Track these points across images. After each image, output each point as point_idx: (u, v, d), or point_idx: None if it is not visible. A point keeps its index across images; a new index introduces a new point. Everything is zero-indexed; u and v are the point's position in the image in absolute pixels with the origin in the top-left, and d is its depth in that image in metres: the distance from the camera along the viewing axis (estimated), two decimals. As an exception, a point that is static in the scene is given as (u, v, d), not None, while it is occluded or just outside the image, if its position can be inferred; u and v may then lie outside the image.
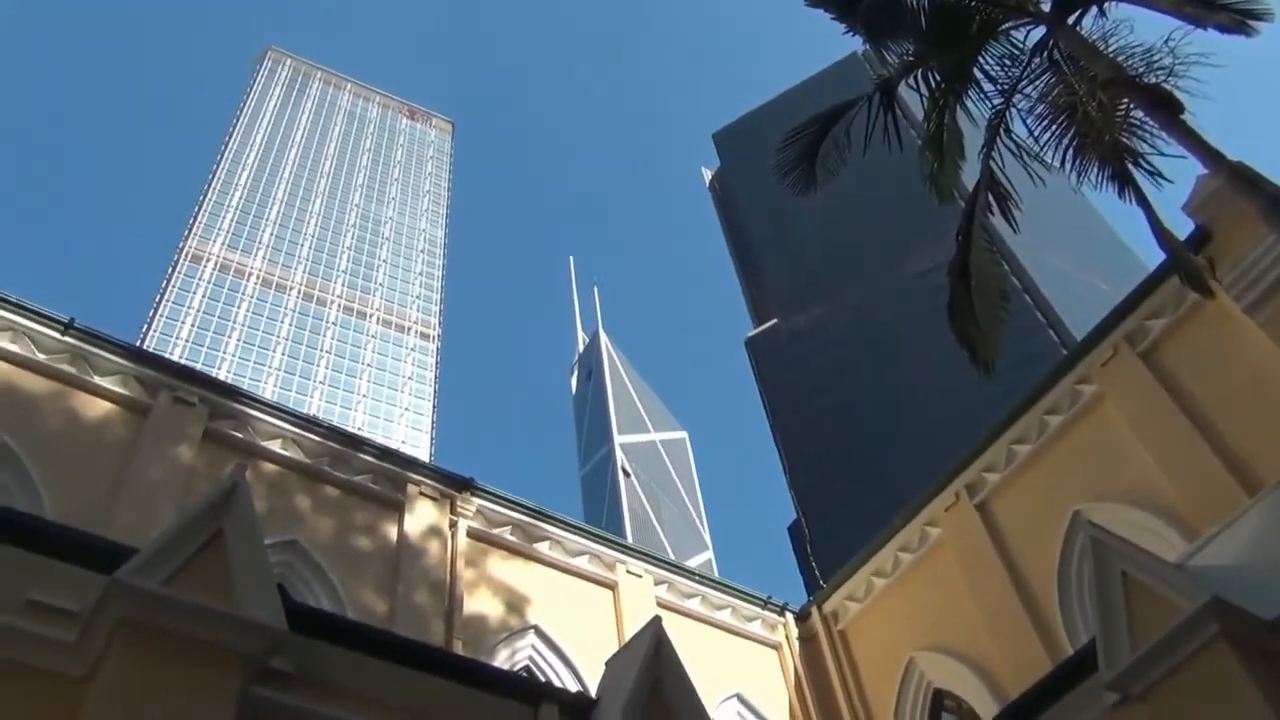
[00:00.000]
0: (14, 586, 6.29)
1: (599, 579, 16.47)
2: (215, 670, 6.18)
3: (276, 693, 6.67)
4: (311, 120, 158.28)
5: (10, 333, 13.04)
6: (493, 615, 14.75)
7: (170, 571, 6.36)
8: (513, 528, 16.01)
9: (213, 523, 6.75)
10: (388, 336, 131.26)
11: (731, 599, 17.93)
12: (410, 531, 14.65)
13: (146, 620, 6.12)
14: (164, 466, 13.01)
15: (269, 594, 6.59)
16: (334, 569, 13.48)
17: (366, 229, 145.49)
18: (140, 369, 13.86)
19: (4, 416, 12.40)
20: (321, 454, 14.76)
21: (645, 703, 7.81)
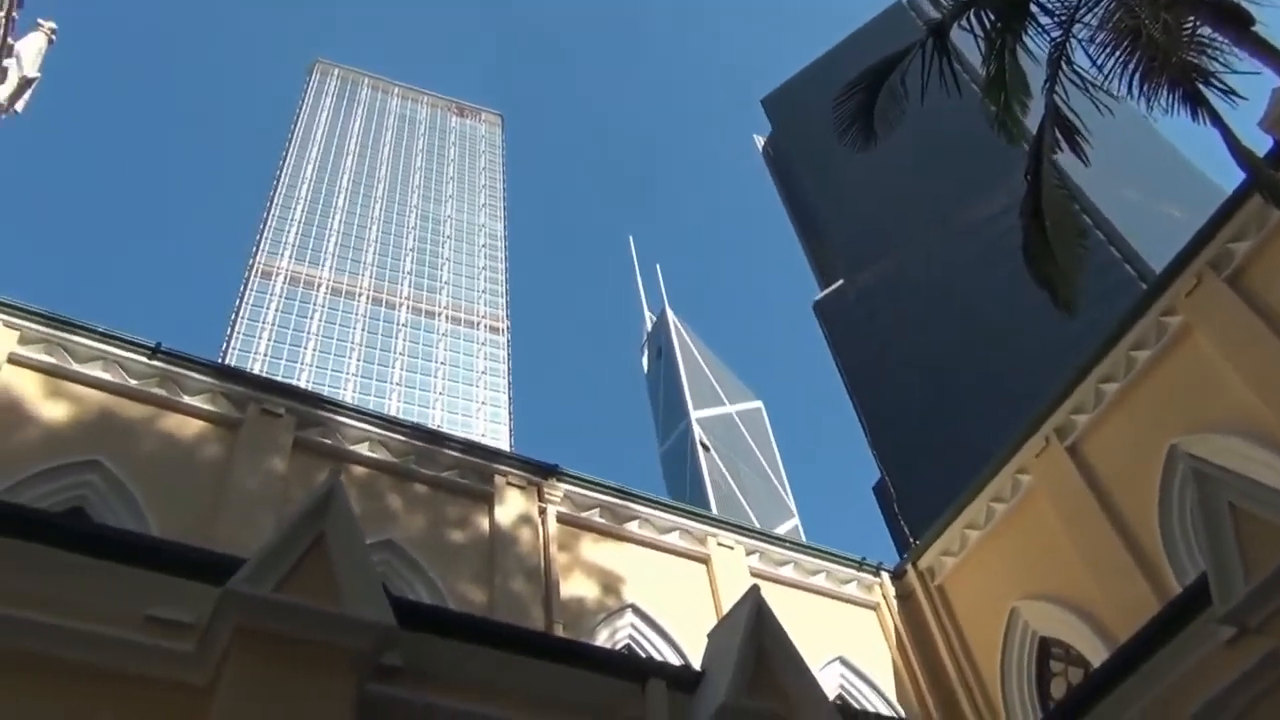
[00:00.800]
0: (133, 603, 6.51)
1: (691, 553, 16.52)
2: (331, 670, 6.33)
3: (391, 688, 6.81)
4: (364, 127, 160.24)
5: (101, 361, 13.48)
6: (589, 597, 14.89)
7: (279, 578, 6.52)
8: (601, 510, 16.13)
9: (314, 527, 6.90)
10: (458, 333, 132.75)
11: (825, 563, 17.86)
12: (501, 521, 14.84)
13: (261, 626, 6.29)
14: (259, 477, 13.35)
15: (375, 592, 6.72)
16: (431, 564, 13.72)
17: (427, 229, 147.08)
18: (227, 385, 14.23)
19: (104, 442, 12.82)
20: (408, 453, 15.01)
21: (751, 671, 7.81)
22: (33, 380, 13.01)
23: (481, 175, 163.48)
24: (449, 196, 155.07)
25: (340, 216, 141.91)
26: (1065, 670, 15.66)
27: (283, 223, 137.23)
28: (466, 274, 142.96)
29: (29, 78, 30.86)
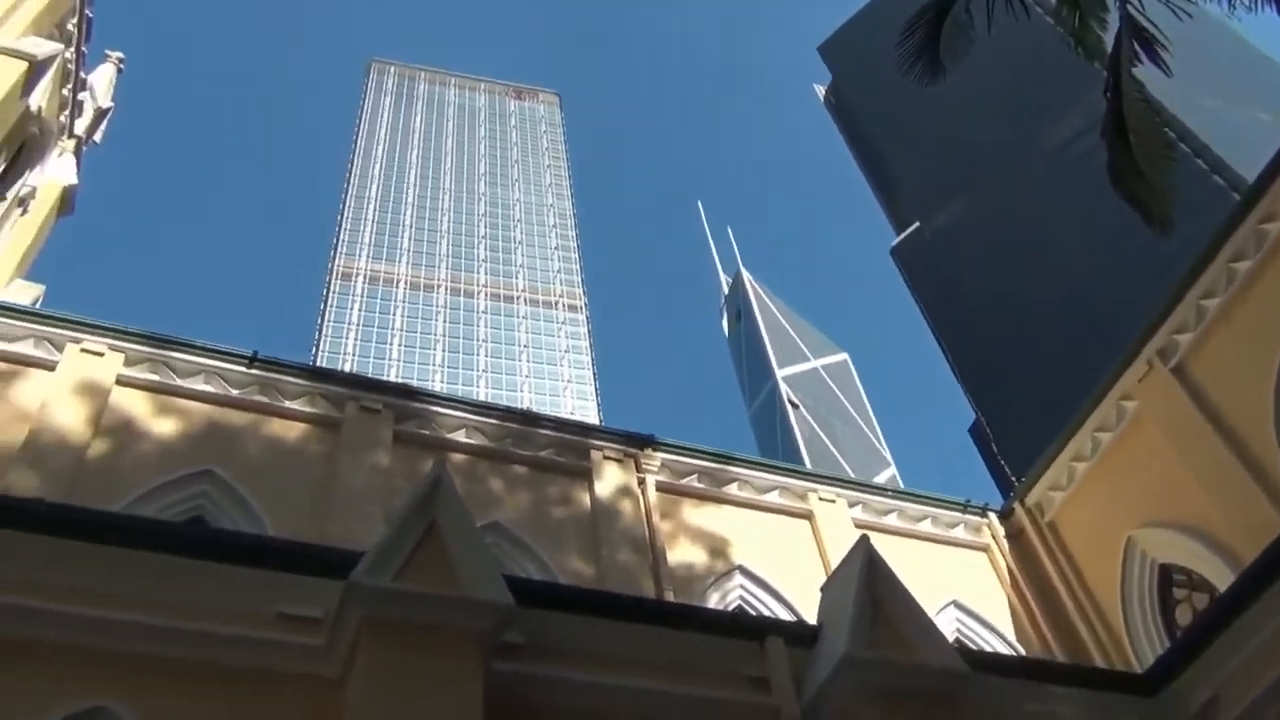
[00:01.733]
0: (264, 603, 6.76)
1: (793, 510, 16.48)
2: (457, 652, 6.49)
3: (515, 665, 6.96)
4: (425, 121, 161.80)
5: (203, 374, 13.90)
6: (696, 562, 14.96)
7: (398, 567, 6.70)
8: (699, 475, 16.17)
9: (426, 516, 7.06)
10: (537, 315, 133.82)
11: (929, 509, 17.66)
12: (601, 495, 14.98)
13: (386, 615, 6.48)
14: (364, 473, 13.66)
15: (492, 574, 6.87)
16: (537, 542, 13.92)
17: (497, 215, 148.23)
18: (323, 386, 14.57)
19: (214, 451, 13.25)
20: (504, 436, 15.22)
21: (869, 621, 7.79)
22: (141, 399, 13.49)
23: (545, 155, 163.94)
24: (515, 180, 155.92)
25: (411, 212, 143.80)
26: (1189, 596, 15.27)
27: (357, 224, 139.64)
28: (540, 255, 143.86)
29: (103, 108, 31.80)
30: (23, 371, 13.15)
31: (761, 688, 7.65)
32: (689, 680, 7.51)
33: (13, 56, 21.41)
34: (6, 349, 13.25)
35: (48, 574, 6.46)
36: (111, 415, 13.02)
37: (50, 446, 12.28)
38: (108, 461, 12.56)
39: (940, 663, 7.70)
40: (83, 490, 11.75)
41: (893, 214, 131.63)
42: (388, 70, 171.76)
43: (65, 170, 28.46)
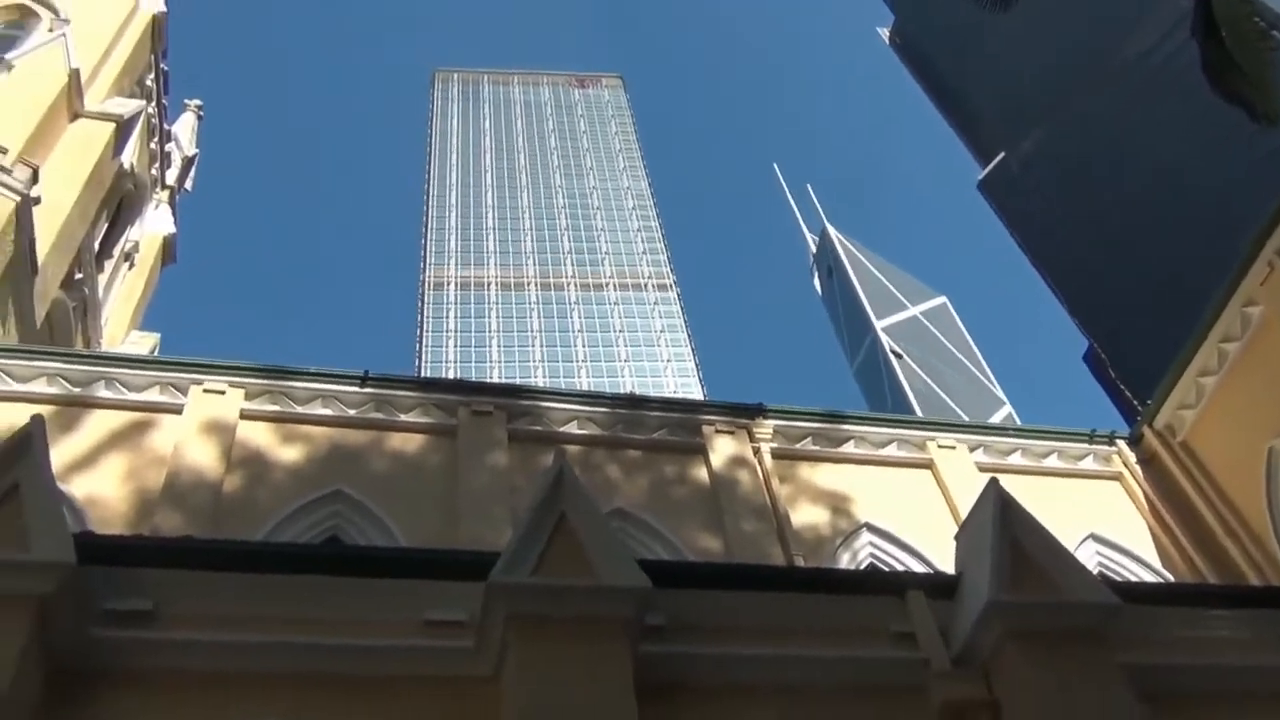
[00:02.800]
0: (410, 612, 6.93)
1: (913, 461, 16.27)
2: (603, 639, 6.56)
3: (660, 646, 7.02)
4: (494, 123, 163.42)
5: (320, 399, 14.36)
6: (821, 524, 14.90)
7: (534, 562, 6.80)
8: (812, 438, 16.08)
9: (554, 510, 7.15)
10: (628, 299, 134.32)
11: (1053, 443, 17.25)
12: (718, 468, 15.01)
13: (529, 611, 6.58)
14: (485, 475, 13.94)
15: (626, 559, 6.94)
16: (661, 523, 14.03)
17: (576, 205, 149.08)
18: (435, 396, 14.95)
19: (340, 472, 13.68)
20: (615, 423, 15.36)
21: (1009, 564, 7.64)
22: (265, 430, 13.99)
23: (615, 140, 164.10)
24: (589, 169, 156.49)
25: (492, 214, 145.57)
26: (1343, 500, 14.64)
27: (441, 233, 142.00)
28: (624, 239, 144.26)
29: (189, 156, 32.95)
30: (152, 418, 13.76)
31: (907, 643, 7.57)
32: (832, 643, 7.47)
33: (101, 119, 22.34)
34: (135, 399, 13.87)
35: (205, 606, 6.74)
36: (240, 449, 13.54)
37: (188, 486, 12.83)
38: (243, 493, 13.07)
39: (1089, 598, 7.52)
40: (223, 523, 12.26)
41: (975, 148, 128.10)
42: (451, 78, 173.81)
43: (163, 221, 29.62)
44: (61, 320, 21.02)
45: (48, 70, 21.35)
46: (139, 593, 6.55)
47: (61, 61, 21.58)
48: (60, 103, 21.10)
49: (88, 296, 23.16)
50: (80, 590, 6.21)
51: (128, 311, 26.75)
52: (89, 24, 24.14)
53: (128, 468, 13.12)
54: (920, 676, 7.26)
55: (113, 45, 24.35)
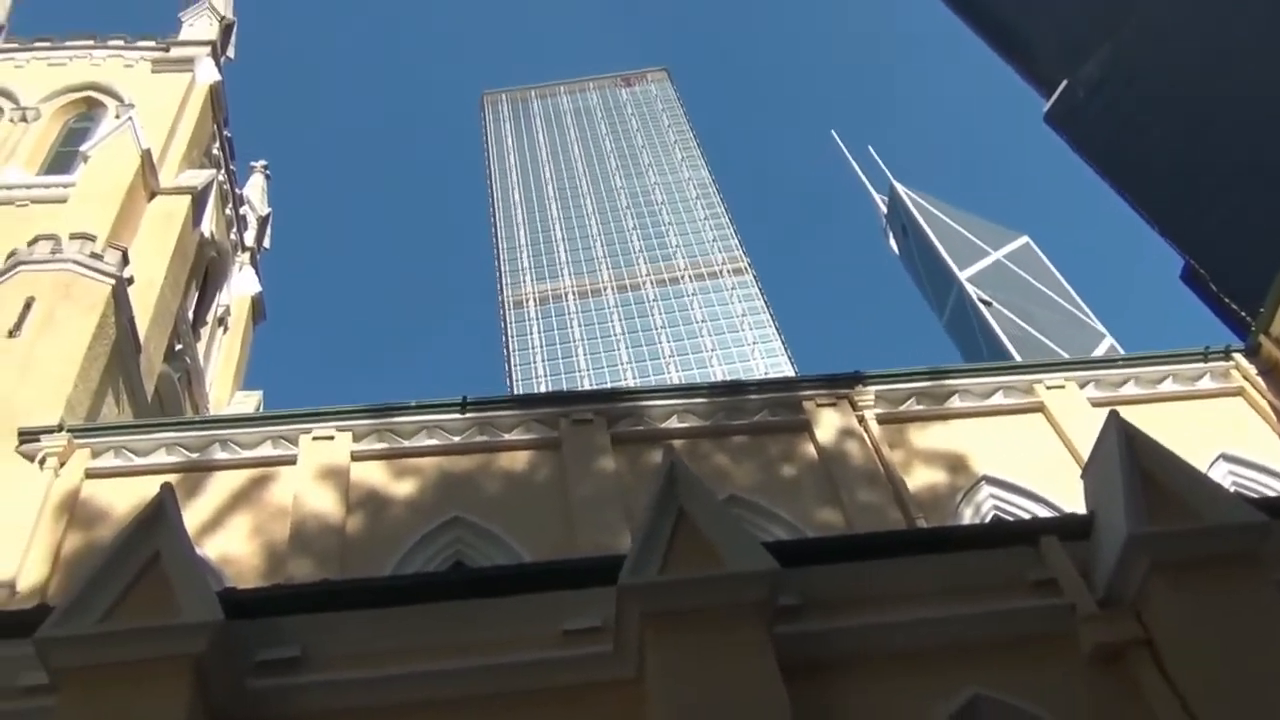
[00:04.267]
0: (546, 624, 7.02)
1: (1022, 407, 15.90)
2: (740, 625, 6.55)
3: (796, 626, 6.97)
4: (548, 136, 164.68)
5: (424, 431, 14.65)
6: (939, 483, 14.65)
7: (661, 560, 6.82)
8: (916, 398, 15.83)
9: (671, 506, 7.16)
10: (705, 288, 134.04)
11: (1165, 367, 16.69)
12: (825, 442, 14.88)
13: (663, 608, 6.60)
14: (594, 481, 14.04)
15: (751, 545, 6.92)
16: (777, 505, 13.97)
17: (640, 204, 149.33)
18: (534, 411, 15.13)
19: (454, 498, 13.94)
20: (714, 411, 15.34)
21: (1142, 494, 7.41)
22: (377, 468, 14.32)
23: (669, 132, 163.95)
24: (647, 165, 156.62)
25: (559, 226, 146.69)
26: None
27: (513, 252, 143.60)
28: (692, 230, 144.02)
29: (263, 215, 33.87)
30: (269, 472, 14.18)
31: (1049, 590, 7.40)
32: (970, 600, 7.34)
33: (177, 193, 23.11)
34: (250, 456, 14.31)
35: (349, 645, 6.90)
36: (356, 489, 13.88)
37: (313, 532, 13.18)
38: (365, 532, 13.39)
39: (1234, 519, 7.25)
40: (350, 563, 12.58)
41: (1035, 80, 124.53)
42: (500, 99, 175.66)
43: (248, 282, 30.52)
44: (169, 391, 21.78)
45: (121, 155, 22.15)
46: (285, 640, 6.75)
47: (132, 145, 22.37)
48: (137, 184, 21.88)
49: (190, 365, 23.97)
50: (231, 645, 6.42)
51: (229, 374, 27.62)
52: (152, 104, 25.01)
53: (254, 523, 13.54)
54: (1067, 623, 7.09)
55: (177, 121, 25.17)
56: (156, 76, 26.42)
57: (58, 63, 26.94)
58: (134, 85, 26.09)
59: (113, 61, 27.14)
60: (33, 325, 16.57)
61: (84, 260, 17.78)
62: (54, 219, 19.94)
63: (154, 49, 27.71)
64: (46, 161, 23.90)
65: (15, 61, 26.97)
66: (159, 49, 27.74)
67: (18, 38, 28.45)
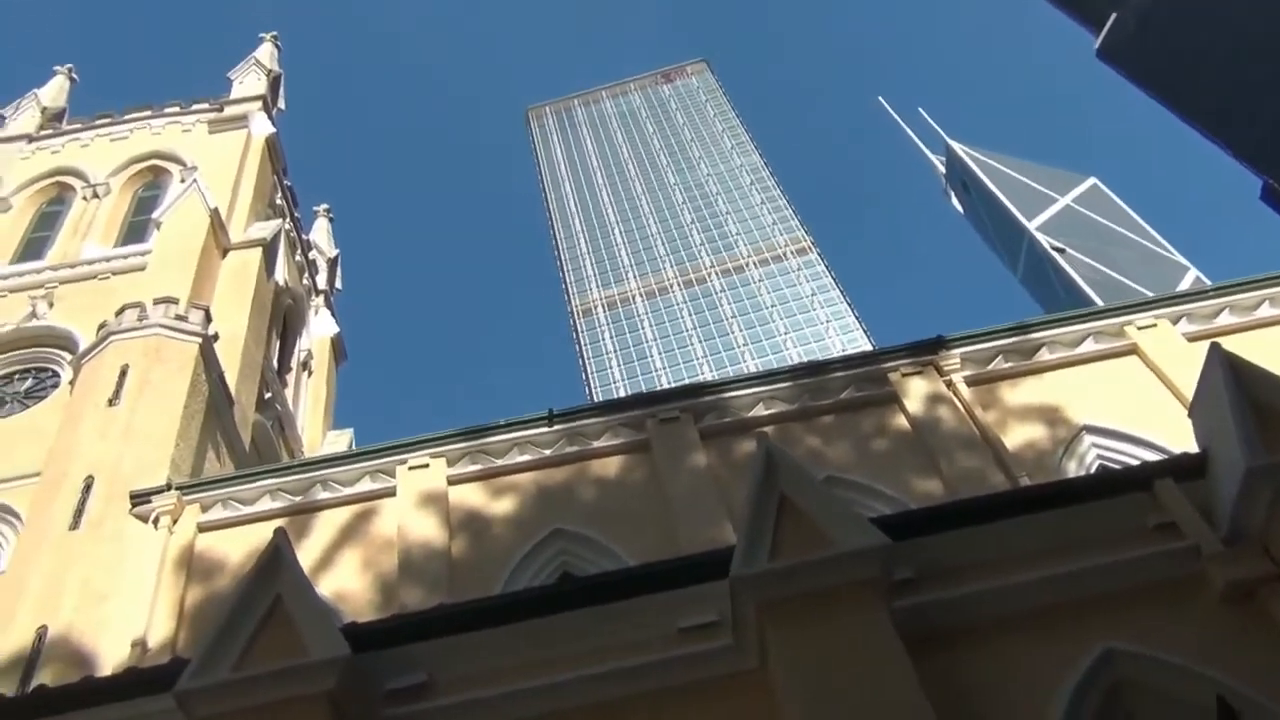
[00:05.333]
0: (663, 625, 7.03)
1: (1115, 351, 15.49)
2: (857, 605, 6.49)
3: (913, 599, 6.89)
4: (595, 142, 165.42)
5: (515, 448, 14.82)
6: (1038, 439, 14.35)
7: (769, 548, 6.79)
8: (1003, 356, 15.53)
9: (773, 492, 7.12)
10: (771, 272, 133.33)
11: (1259, 292, 16.09)
12: (915, 411, 14.68)
13: (778, 595, 6.57)
14: (688, 478, 14.05)
15: (859, 523, 6.85)
16: (875, 480, 13.82)
17: (695, 197, 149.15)
18: (620, 415, 15.19)
19: (553, 511, 14.11)
20: (799, 395, 15.23)
21: (1257, 426, 7.16)
22: (475, 490, 14.52)
23: (715, 122, 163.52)
24: (698, 158, 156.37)
25: (618, 230, 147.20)
26: None
27: (575, 262, 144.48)
28: (750, 216, 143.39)
29: (332, 257, 34.55)
30: (371, 506, 14.48)
31: (1170, 534, 7.21)
32: (1092, 553, 7.17)
33: (247, 247, 23.72)
34: (351, 492, 14.62)
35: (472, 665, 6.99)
36: (457, 512, 14.09)
37: (420, 560, 13.41)
38: (471, 553, 13.58)
39: (1359, 439, 6.97)
40: (460, 586, 12.76)
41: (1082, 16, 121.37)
42: (544, 112, 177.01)
43: (326, 324, 31.18)
44: (264, 439, 22.36)
45: (191, 217, 22.83)
46: (411, 668, 6.87)
47: (200, 206, 23.04)
48: (210, 243, 22.52)
49: (280, 412, 24.57)
50: (360, 678, 6.57)
51: (318, 415, 28.25)
52: (213, 164, 25.73)
53: (363, 557, 13.83)
54: (1194, 564, 6.91)
55: (239, 177, 25.86)
56: (214, 137, 27.17)
57: (120, 136, 27.89)
58: (194, 148, 26.88)
59: (171, 128, 28.00)
60: (130, 392, 17.15)
61: (170, 323, 18.37)
62: (136, 287, 20.63)
63: (208, 110, 28.53)
64: (122, 233, 24.75)
65: (80, 141, 27.98)
66: (213, 109, 28.55)
67: (79, 118, 29.51)
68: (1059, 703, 6.34)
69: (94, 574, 14.03)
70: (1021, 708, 6.43)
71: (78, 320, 20.60)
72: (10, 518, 16.74)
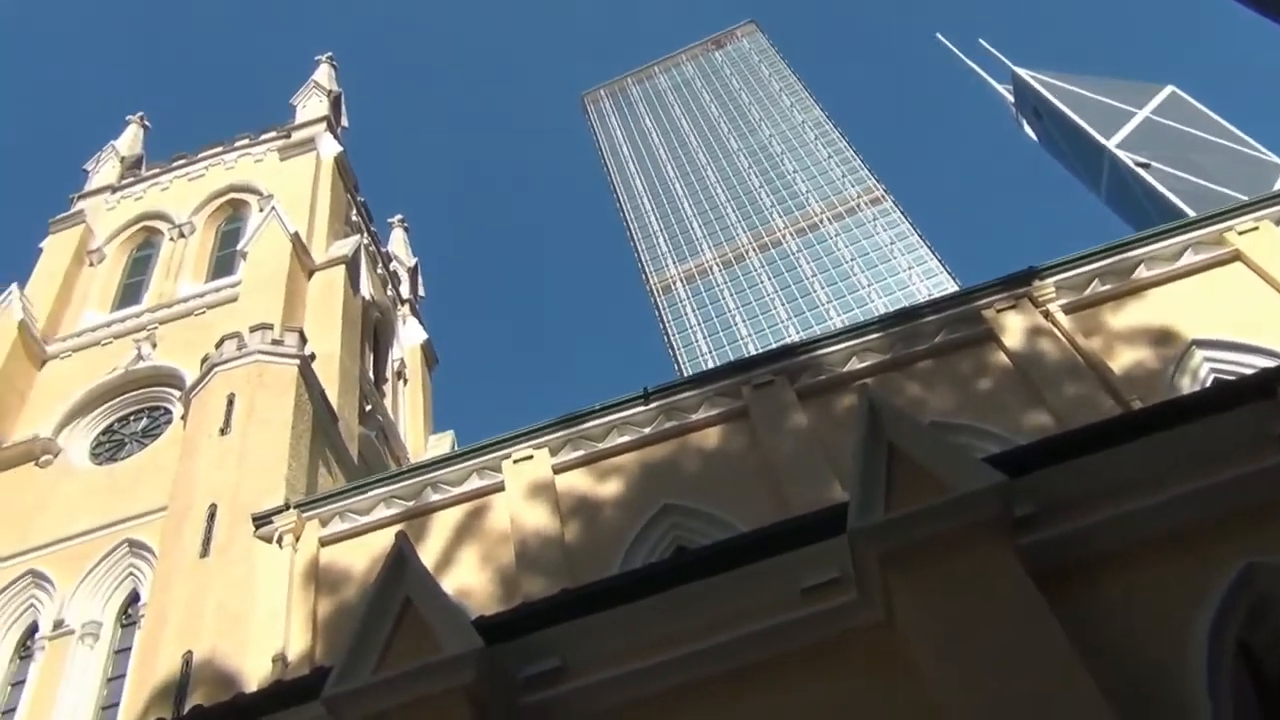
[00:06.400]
0: (784, 587, 7.01)
1: (1217, 260, 14.95)
2: (981, 546, 6.40)
3: (1036, 534, 6.75)
4: (653, 118, 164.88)
5: (615, 429, 14.97)
6: (1146, 359, 13.94)
7: (883, 498, 6.73)
8: (1099, 279, 15.10)
9: (881, 443, 7.05)
10: (847, 226, 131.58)
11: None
12: (1014, 346, 14.38)
13: (899, 546, 6.50)
14: (790, 440, 14.00)
15: (973, 464, 6.76)
16: (982, 420, 13.61)
17: (760, 159, 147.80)
18: (714, 385, 15.20)
19: (659, 487, 14.25)
20: (892, 344, 15.05)
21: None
22: (581, 475, 14.70)
23: (772, 83, 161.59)
24: (759, 120, 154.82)
25: (687, 203, 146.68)
26: None
27: (648, 240, 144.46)
28: (819, 172, 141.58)
29: (411, 266, 35.11)
30: (482, 502, 14.75)
31: (1307, 438, 6.94)
32: (1220, 468, 6.93)
33: (331, 266, 24.25)
34: (461, 491, 14.91)
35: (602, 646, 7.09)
36: (566, 499, 14.27)
37: (536, 549, 13.62)
38: (584, 538, 13.75)
39: None
40: (578, 570, 12.92)
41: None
42: (599, 95, 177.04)
43: (414, 332, 31.75)
44: (370, 451, 22.90)
45: (274, 244, 23.42)
46: (544, 654, 7.00)
47: (281, 232, 23.62)
48: (295, 266, 23.09)
49: (382, 422, 25.14)
50: (496, 669, 6.72)
51: (418, 421, 28.82)
52: (288, 190, 26.35)
53: (480, 553, 14.10)
54: (1346, 466, 6.64)
55: (314, 199, 26.45)
56: (285, 163, 27.81)
57: (197, 175, 28.74)
58: (268, 176, 27.57)
59: (244, 160, 28.75)
60: (239, 419, 17.71)
61: (268, 349, 18.91)
62: (231, 318, 21.28)
63: (277, 138, 29.21)
64: (211, 268, 25.53)
65: (160, 185, 28.91)
66: (281, 136, 29.22)
67: (157, 163, 30.49)
68: (1202, 624, 6.18)
69: (228, 597, 14.56)
70: (1162, 634, 6.28)
71: (181, 357, 21.33)
72: (144, 552, 17.46)
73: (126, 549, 17.72)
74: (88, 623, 16.91)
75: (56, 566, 17.72)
